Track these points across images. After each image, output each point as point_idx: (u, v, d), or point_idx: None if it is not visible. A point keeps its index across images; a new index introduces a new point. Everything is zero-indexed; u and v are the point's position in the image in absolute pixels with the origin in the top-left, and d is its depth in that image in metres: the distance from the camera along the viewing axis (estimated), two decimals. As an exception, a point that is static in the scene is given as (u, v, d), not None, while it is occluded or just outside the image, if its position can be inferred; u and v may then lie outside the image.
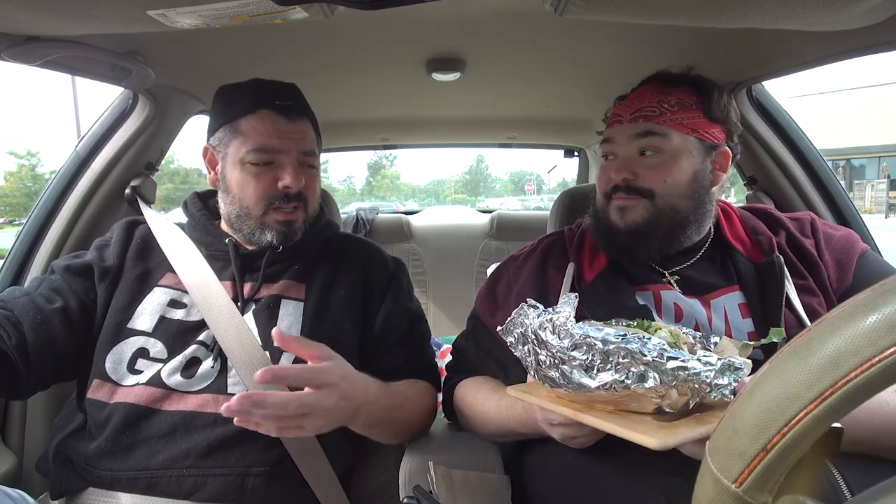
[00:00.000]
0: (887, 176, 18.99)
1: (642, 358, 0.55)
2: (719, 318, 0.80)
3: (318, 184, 0.98)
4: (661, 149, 0.83)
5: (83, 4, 0.68)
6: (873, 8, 0.69)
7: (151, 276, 0.91)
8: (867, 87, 20.73)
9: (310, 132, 0.94)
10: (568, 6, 0.71)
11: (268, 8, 0.70)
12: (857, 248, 0.84)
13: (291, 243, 0.93)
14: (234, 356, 0.82)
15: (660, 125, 0.83)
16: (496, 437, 0.90)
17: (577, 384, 0.59)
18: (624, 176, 0.84)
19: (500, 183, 59.12)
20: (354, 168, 72.41)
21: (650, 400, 0.57)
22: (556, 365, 0.60)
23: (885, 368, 0.27)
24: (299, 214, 0.92)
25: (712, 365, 0.56)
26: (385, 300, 0.97)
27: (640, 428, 0.56)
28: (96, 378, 0.83)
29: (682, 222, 0.83)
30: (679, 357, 0.55)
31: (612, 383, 0.56)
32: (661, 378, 0.55)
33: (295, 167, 0.89)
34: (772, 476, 0.31)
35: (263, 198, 0.89)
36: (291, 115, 0.90)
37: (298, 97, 0.95)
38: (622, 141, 0.86)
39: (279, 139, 0.88)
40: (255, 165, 0.88)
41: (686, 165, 0.83)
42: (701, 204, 0.84)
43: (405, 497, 0.72)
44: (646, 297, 0.83)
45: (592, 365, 0.58)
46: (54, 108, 56.32)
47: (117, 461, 0.78)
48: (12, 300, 0.82)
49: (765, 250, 0.84)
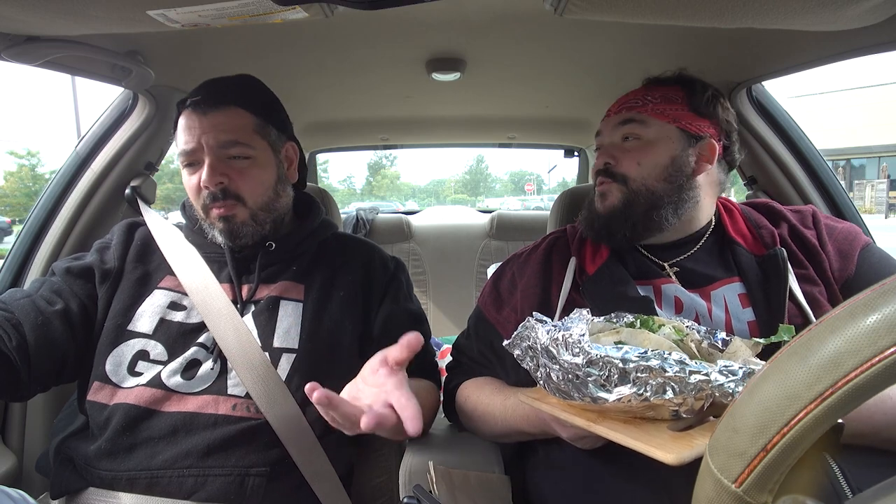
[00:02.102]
0: (887, 176, 18.97)
1: (663, 374, 0.55)
2: (719, 308, 0.81)
3: (261, 174, 0.90)
4: (639, 135, 0.88)
5: (83, 4, 0.68)
6: (873, 8, 0.69)
7: (152, 278, 0.91)
8: (867, 87, 20.72)
9: (231, 119, 0.87)
10: (568, 6, 0.71)
11: (268, 8, 0.70)
12: (860, 240, 0.85)
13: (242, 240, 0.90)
14: (233, 358, 0.82)
15: (640, 114, 0.88)
16: (501, 438, 0.90)
17: (592, 397, 0.58)
18: (605, 160, 0.90)
19: (500, 183, 59.09)
20: (354, 168, 72.38)
21: (668, 408, 0.57)
22: (569, 380, 0.59)
23: (885, 368, 0.27)
24: (237, 209, 0.88)
25: (735, 376, 0.55)
26: (385, 300, 0.97)
27: (656, 441, 0.55)
28: (96, 380, 0.83)
29: (656, 203, 0.86)
30: (701, 370, 0.55)
31: (631, 396, 0.56)
32: (682, 389, 0.55)
33: (211, 163, 0.86)
34: (772, 476, 0.31)
35: (196, 197, 0.89)
36: (203, 108, 0.87)
37: (221, 86, 0.90)
38: (608, 131, 0.92)
39: (191, 137, 0.86)
40: (186, 168, 0.90)
41: (663, 151, 0.87)
42: (679, 188, 0.86)
43: (405, 497, 0.72)
44: (646, 290, 0.84)
45: (610, 381, 0.57)
46: (54, 108, 56.29)
47: (118, 461, 0.78)
48: (13, 302, 0.82)
49: (766, 243, 0.85)
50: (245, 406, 0.81)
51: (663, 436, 0.56)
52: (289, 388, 0.83)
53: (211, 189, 0.86)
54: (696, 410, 0.57)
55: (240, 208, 0.88)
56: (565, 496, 0.79)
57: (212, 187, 0.86)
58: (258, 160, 0.90)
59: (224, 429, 0.79)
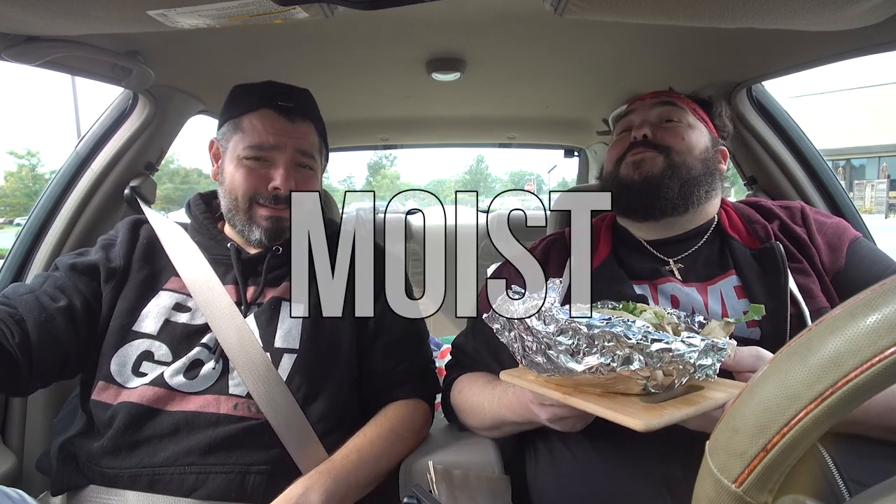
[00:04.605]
0: (887, 176, 18.97)
1: (627, 341, 0.56)
2: (716, 301, 0.83)
3: (316, 184, 0.97)
4: (679, 119, 0.93)
5: (83, 4, 0.68)
6: (873, 8, 0.69)
7: (157, 279, 0.91)
8: (867, 87, 20.72)
9: (311, 135, 0.95)
10: (568, 6, 0.71)
11: (268, 8, 0.70)
12: (848, 234, 0.87)
13: (282, 241, 0.93)
14: (235, 358, 0.82)
15: (679, 102, 0.94)
16: (491, 430, 0.91)
17: (564, 368, 0.59)
18: (644, 132, 0.91)
19: (500, 183, 59.05)
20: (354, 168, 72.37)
21: (636, 381, 0.58)
22: (542, 350, 0.61)
23: (885, 368, 0.27)
24: (287, 213, 0.92)
25: (695, 346, 0.57)
26: (381, 297, 0.97)
27: (627, 410, 0.56)
28: (101, 380, 0.83)
29: (693, 181, 0.88)
30: (663, 339, 0.56)
31: (598, 367, 0.57)
32: (646, 360, 0.56)
33: (288, 167, 0.90)
34: (772, 476, 0.31)
35: (251, 193, 0.90)
36: (292, 115, 0.92)
37: (304, 100, 0.96)
38: (644, 110, 0.95)
39: (275, 136, 0.90)
40: (250, 161, 0.90)
41: (701, 136, 0.92)
42: (711, 174, 0.91)
43: (405, 497, 0.72)
44: (643, 289, 0.86)
45: (578, 349, 0.58)
46: (54, 108, 56.29)
47: (120, 459, 0.78)
48: (17, 297, 0.82)
49: (760, 237, 0.88)
50: (246, 406, 0.82)
51: (635, 407, 0.57)
52: (290, 388, 0.83)
53: (282, 191, 0.89)
54: (665, 386, 0.58)
55: (289, 212, 0.92)
56: (565, 493, 0.79)
57: (284, 191, 0.89)
58: (316, 173, 0.97)
59: (225, 428, 0.79)
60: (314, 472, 0.78)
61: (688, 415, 0.56)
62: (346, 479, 0.78)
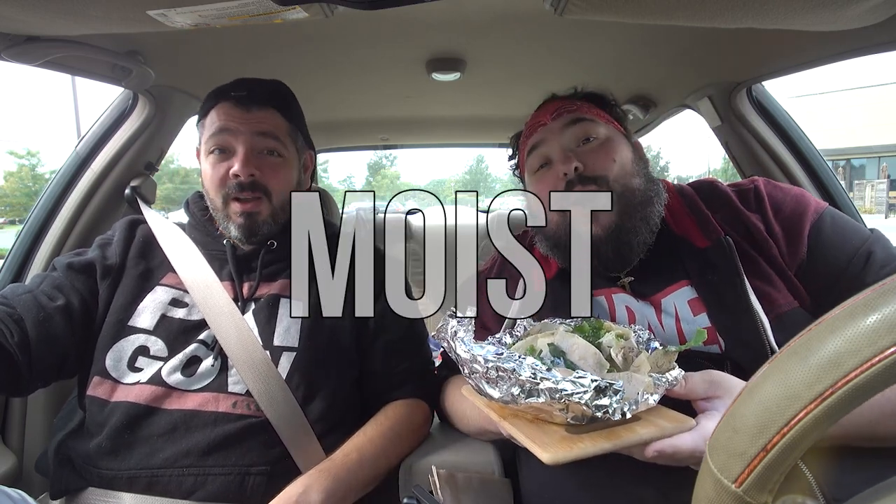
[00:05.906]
0: (887, 176, 18.97)
1: (518, 377, 0.56)
2: (670, 317, 0.77)
3: (289, 174, 0.95)
4: (595, 133, 0.82)
5: (83, 4, 0.68)
6: (873, 8, 0.69)
7: (153, 274, 0.91)
8: (867, 87, 20.72)
9: (271, 119, 0.92)
10: (568, 6, 0.71)
11: (268, 8, 0.70)
12: (808, 214, 0.75)
13: (257, 237, 0.92)
14: (234, 355, 0.82)
15: (584, 114, 0.83)
16: (479, 435, 0.90)
17: (486, 394, 0.60)
18: (574, 164, 0.79)
19: (500, 183, 59.02)
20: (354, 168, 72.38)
21: (558, 412, 0.57)
22: (468, 374, 0.63)
23: (885, 368, 0.27)
24: (262, 206, 0.90)
25: (584, 386, 0.55)
26: (381, 298, 0.97)
27: (543, 439, 0.57)
28: (96, 375, 0.83)
29: (644, 201, 0.79)
30: (551, 378, 0.55)
31: (508, 396, 0.58)
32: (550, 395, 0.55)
33: (247, 153, 0.89)
34: (772, 476, 0.31)
35: (220, 187, 0.90)
36: (246, 103, 0.91)
37: (262, 89, 0.94)
38: (554, 136, 0.84)
39: (229, 124, 0.89)
40: (213, 154, 0.90)
41: (623, 147, 0.82)
42: (652, 181, 0.82)
43: (405, 497, 0.72)
44: (598, 303, 0.82)
45: (489, 378, 0.59)
46: (54, 108, 56.30)
47: (117, 460, 0.78)
48: (15, 297, 0.83)
49: (708, 231, 0.78)
50: (245, 404, 0.81)
51: (554, 437, 0.57)
52: (289, 386, 0.83)
53: (242, 178, 0.88)
54: (588, 417, 0.57)
55: (264, 204, 0.90)
56: (563, 495, 0.78)
57: (244, 177, 0.88)
58: (287, 161, 0.94)
59: (224, 427, 0.79)
60: (314, 470, 0.78)
61: (603, 449, 0.55)
62: (346, 478, 0.78)
